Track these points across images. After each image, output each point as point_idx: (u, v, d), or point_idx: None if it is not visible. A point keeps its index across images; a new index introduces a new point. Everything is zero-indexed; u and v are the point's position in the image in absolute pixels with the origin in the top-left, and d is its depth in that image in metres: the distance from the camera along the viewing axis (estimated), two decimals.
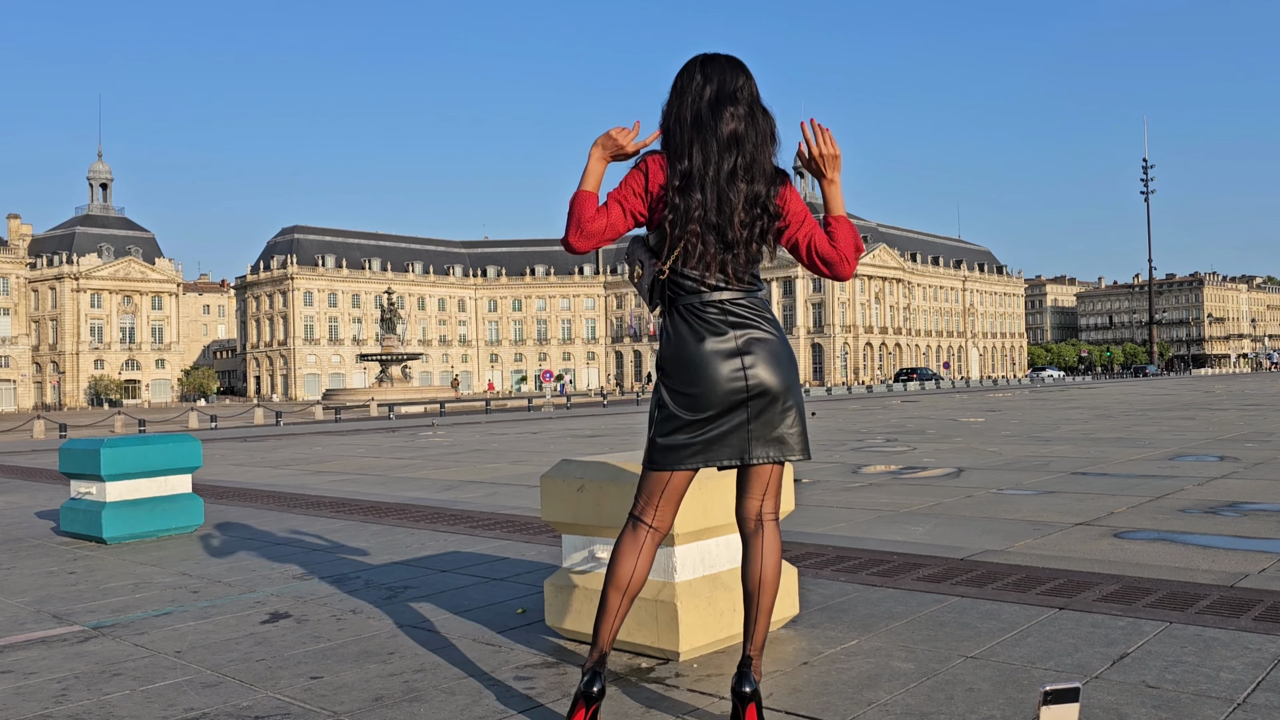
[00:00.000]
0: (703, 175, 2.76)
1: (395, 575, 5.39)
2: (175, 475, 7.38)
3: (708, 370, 2.75)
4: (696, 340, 2.78)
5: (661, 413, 2.81)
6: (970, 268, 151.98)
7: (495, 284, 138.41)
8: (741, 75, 2.85)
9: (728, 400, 2.75)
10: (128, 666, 3.77)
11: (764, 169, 2.82)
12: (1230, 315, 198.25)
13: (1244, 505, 7.34)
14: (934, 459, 11.99)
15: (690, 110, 2.81)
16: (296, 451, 18.20)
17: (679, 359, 2.79)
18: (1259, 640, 3.62)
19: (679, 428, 2.77)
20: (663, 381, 2.83)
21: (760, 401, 2.78)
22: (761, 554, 2.83)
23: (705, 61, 2.87)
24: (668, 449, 2.79)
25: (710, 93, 2.81)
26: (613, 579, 2.81)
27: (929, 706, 3.01)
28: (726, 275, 2.81)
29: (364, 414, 45.23)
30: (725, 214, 2.76)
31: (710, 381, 2.75)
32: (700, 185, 2.76)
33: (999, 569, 5.04)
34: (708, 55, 2.89)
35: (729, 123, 2.78)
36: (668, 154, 2.82)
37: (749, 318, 2.82)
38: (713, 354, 2.75)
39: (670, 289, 2.84)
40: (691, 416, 2.76)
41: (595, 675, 2.72)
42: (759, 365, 2.77)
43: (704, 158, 2.76)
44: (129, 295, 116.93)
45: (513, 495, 9.51)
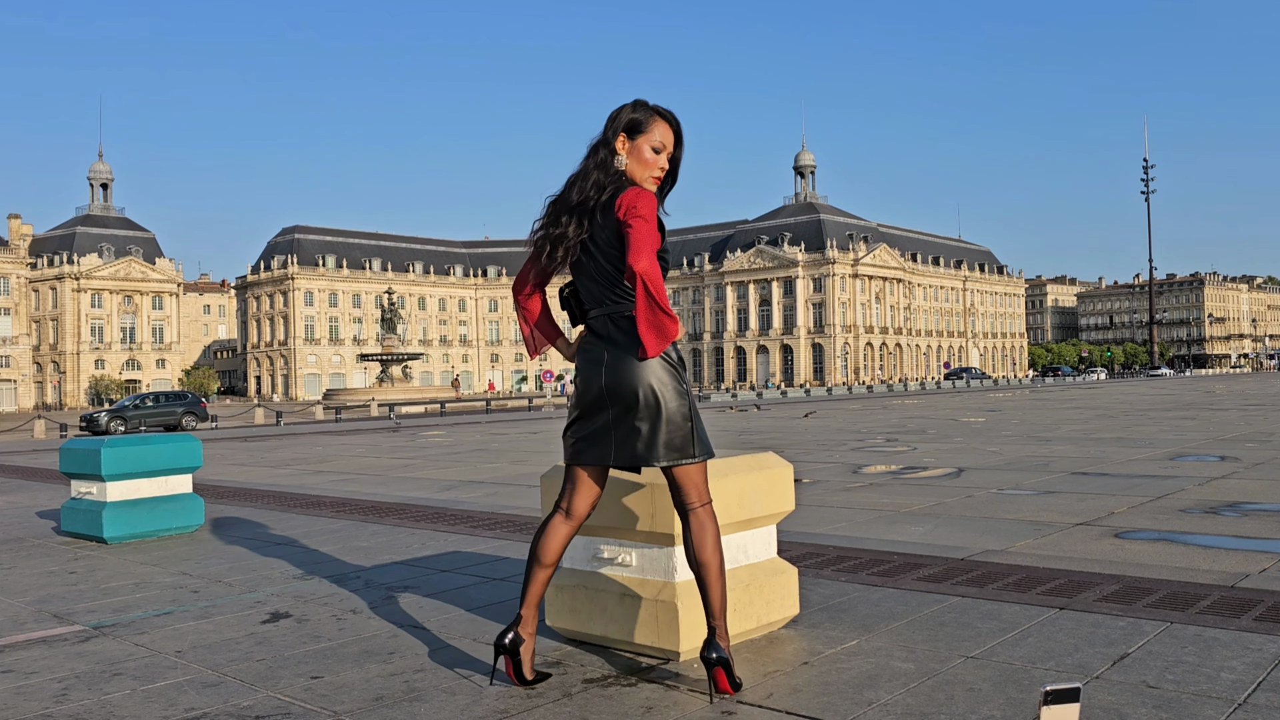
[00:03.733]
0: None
1: (396, 575, 5.39)
2: (176, 475, 7.38)
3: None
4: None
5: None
6: (971, 268, 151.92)
7: (496, 284, 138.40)
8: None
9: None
10: (128, 666, 3.77)
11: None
12: (1231, 315, 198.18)
13: (1245, 505, 7.34)
14: (934, 459, 11.98)
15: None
16: (297, 451, 18.20)
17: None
18: (1260, 640, 3.61)
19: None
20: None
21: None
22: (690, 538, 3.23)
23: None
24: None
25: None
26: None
27: (929, 706, 3.01)
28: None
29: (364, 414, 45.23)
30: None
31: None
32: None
33: (999, 569, 5.04)
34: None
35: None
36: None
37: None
38: (585, 363, 3.31)
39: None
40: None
41: (508, 629, 3.30)
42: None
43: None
44: (129, 295, 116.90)
45: (513, 495, 9.51)
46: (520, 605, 3.28)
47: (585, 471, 3.27)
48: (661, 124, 3.27)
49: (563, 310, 3.47)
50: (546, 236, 3.24)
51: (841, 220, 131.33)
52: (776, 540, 4.10)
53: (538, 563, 3.27)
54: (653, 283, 2.95)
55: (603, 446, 3.18)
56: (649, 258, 2.96)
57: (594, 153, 3.23)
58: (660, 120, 3.27)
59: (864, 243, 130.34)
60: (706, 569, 3.15)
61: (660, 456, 3.13)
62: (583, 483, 3.28)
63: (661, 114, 3.28)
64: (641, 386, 3.11)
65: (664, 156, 3.27)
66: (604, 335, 3.21)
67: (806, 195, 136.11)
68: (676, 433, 3.14)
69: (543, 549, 3.27)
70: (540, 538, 3.28)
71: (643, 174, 3.23)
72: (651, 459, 3.13)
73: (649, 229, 3.02)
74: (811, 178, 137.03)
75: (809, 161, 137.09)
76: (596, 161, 3.21)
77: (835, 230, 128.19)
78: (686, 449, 3.16)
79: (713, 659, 3.09)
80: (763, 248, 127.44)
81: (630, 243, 3.00)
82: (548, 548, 3.27)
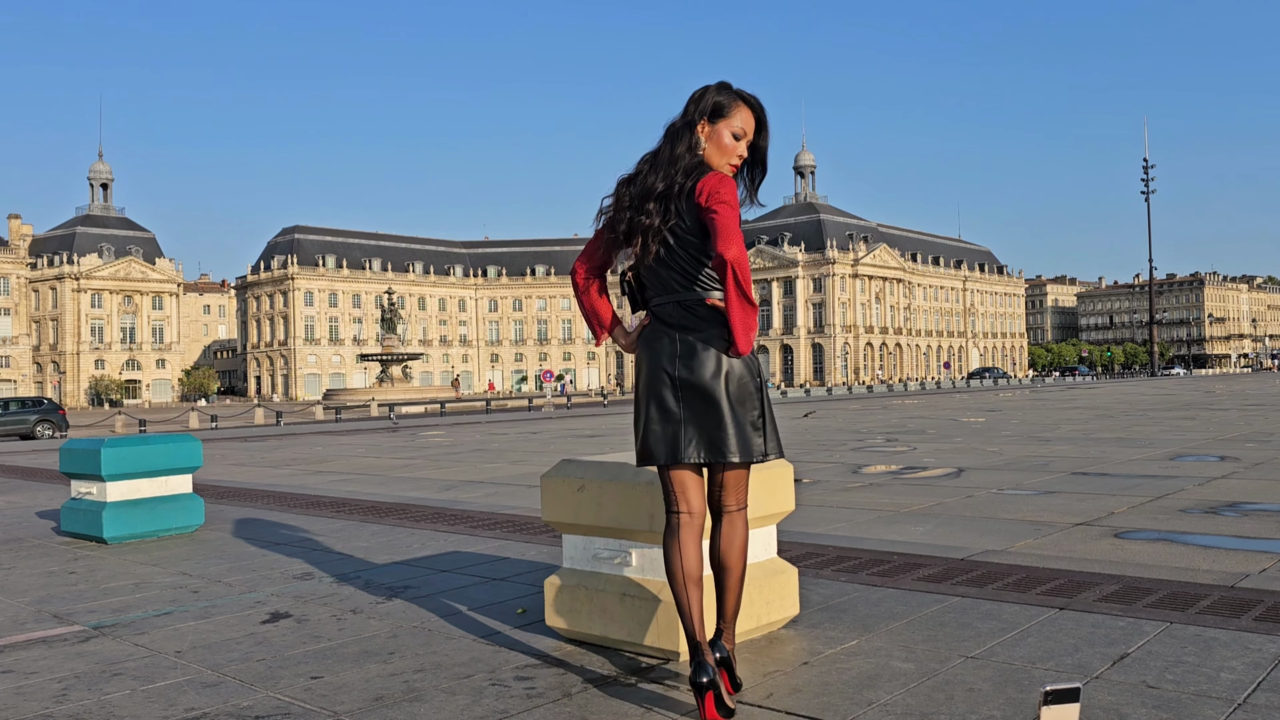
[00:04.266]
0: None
1: (395, 575, 5.39)
2: (176, 475, 7.38)
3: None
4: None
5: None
6: (971, 268, 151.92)
7: (496, 284, 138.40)
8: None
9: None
10: (128, 666, 3.77)
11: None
12: (1231, 315, 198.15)
13: (1244, 505, 7.34)
14: (934, 459, 11.98)
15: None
16: (297, 451, 18.20)
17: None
18: (1260, 640, 3.61)
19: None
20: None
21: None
22: (719, 540, 3.13)
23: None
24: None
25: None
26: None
27: (929, 707, 3.01)
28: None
29: (364, 414, 45.24)
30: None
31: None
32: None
33: (999, 569, 5.04)
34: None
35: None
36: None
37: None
38: (653, 354, 3.18)
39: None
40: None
41: (700, 665, 2.88)
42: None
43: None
44: (129, 295, 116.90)
45: (513, 495, 9.51)
46: (695, 637, 2.94)
47: (676, 470, 3.09)
48: (744, 109, 3.15)
49: (623, 295, 3.30)
50: (635, 226, 3.09)
51: (841, 220, 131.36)
52: (776, 540, 4.10)
53: (690, 582, 3.00)
54: (743, 272, 2.86)
55: (678, 442, 3.03)
56: (739, 245, 2.86)
57: (678, 136, 3.10)
58: (743, 105, 3.15)
59: (864, 243, 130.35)
60: (730, 573, 3.10)
61: (735, 452, 3.01)
62: (679, 479, 3.09)
63: (745, 99, 3.16)
64: (719, 378, 3.01)
65: (743, 144, 3.16)
66: (674, 324, 3.08)
67: (806, 195, 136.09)
68: (752, 428, 3.05)
69: (687, 565, 3.00)
70: (674, 558, 3.02)
71: (720, 160, 3.13)
72: (727, 454, 3.01)
73: (735, 215, 2.93)
74: (811, 177, 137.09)
75: (809, 161, 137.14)
76: (685, 146, 3.08)
77: (835, 230, 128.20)
78: (763, 445, 3.09)
79: (716, 658, 3.05)
80: (762, 247, 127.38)
81: (719, 230, 2.89)
82: (691, 561, 3.01)
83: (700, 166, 3.08)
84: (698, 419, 3.02)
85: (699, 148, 3.11)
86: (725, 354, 3.03)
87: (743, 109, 3.15)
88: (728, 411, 3.01)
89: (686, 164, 3.06)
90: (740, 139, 3.15)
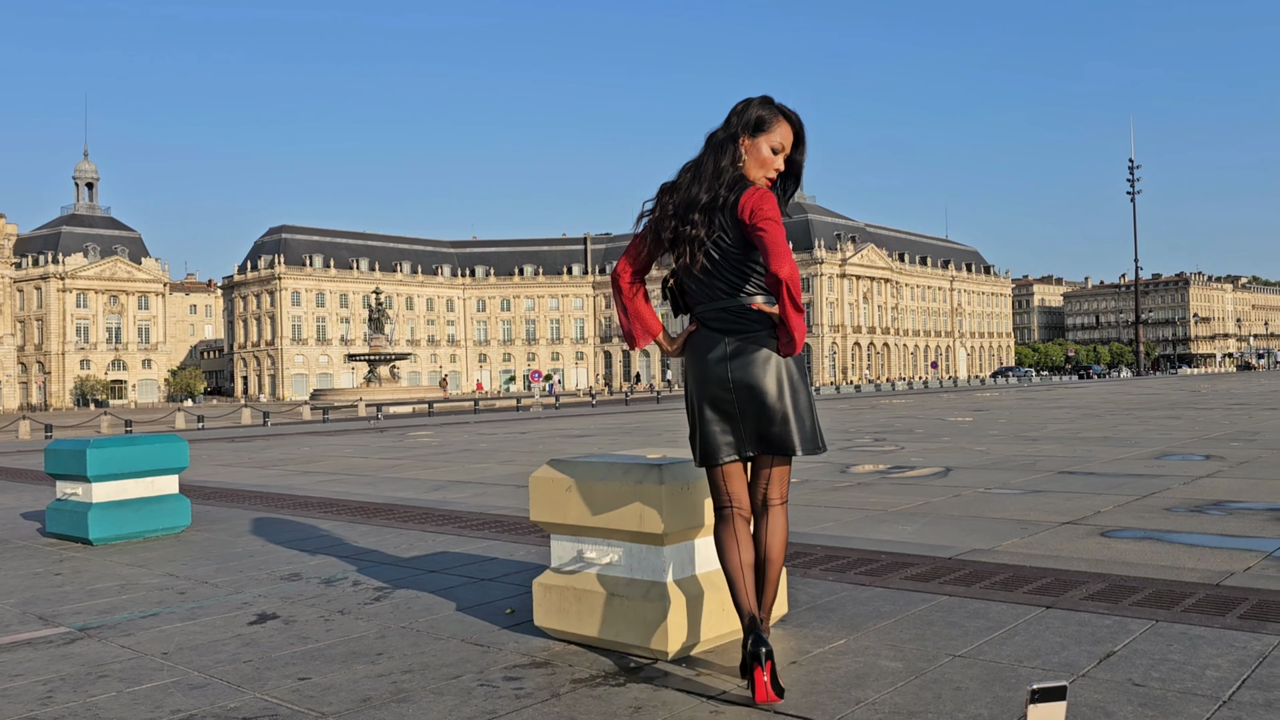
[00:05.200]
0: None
1: (383, 576, 5.38)
2: (162, 476, 7.34)
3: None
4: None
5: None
6: (958, 268, 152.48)
7: (484, 284, 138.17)
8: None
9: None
10: (114, 668, 3.76)
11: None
12: (1216, 315, 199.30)
13: (1229, 504, 7.38)
14: (922, 458, 12.01)
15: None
16: (284, 452, 18.14)
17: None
18: (1244, 638, 3.64)
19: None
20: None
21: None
22: (765, 533, 3.26)
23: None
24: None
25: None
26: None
27: (917, 705, 3.02)
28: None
29: (352, 414, 45.10)
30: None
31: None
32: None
33: (986, 568, 5.06)
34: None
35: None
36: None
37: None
38: (706, 358, 3.27)
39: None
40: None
41: (756, 638, 3.02)
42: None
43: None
44: (115, 295, 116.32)
45: (501, 495, 9.50)
46: (754, 613, 3.10)
47: (728, 466, 3.25)
48: (784, 124, 3.25)
49: (664, 299, 3.45)
50: (680, 235, 3.20)
51: (829, 220, 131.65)
52: None
53: (746, 568, 3.16)
54: (796, 287, 3.03)
55: (737, 440, 3.19)
56: (791, 263, 3.03)
57: (721, 149, 3.20)
58: (783, 120, 3.25)
59: (851, 243, 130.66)
60: (774, 565, 3.24)
61: (795, 446, 3.16)
62: (732, 476, 3.25)
63: (785, 114, 3.26)
64: (773, 378, 3.15)
65: (781, 158, 3.26)
66: (723, 329, 3.21)
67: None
68: (805, 423, 3.20)
69: (744, 555, 3.17)
70: (730, 549, 3.18)
71: (758, 173, 3.23)
72: (786, 448, 3.16)
73: (782, 232, 3.07)
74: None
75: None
76: (729, 159, 3.19)
77: (823, 230, 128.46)
78: (816, 440, 3.23)
79: (763, 653, 3.05)
80: None
81: (769, 248, 3.03)
82: (746, 550, 3.18)
83: (741, 180, 3.19)
84: (753, 416, 3.16)
85: (740, 160, 3.20)
86: (776, 353, 3.17)
87: (782, 124, 3.25)
88: (784, 407, 3.16)
89: (730, 177, 3.18)
90: (778, 153, 3.26)
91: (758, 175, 3.23)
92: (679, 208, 3.20)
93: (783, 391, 3.16)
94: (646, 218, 3.32)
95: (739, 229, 3.13)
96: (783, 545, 3.25)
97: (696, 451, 3.27)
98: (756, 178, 3.22)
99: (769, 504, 3.26)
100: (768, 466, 3.26)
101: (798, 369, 3.22)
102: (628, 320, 3.35)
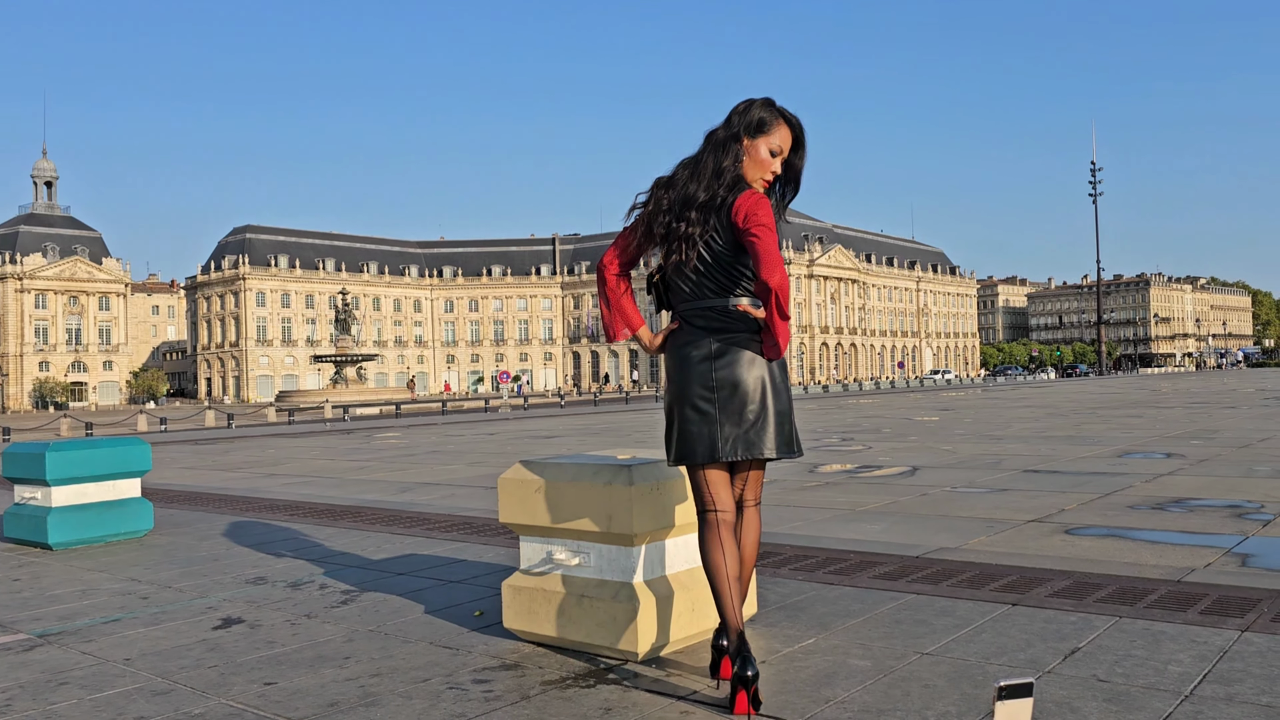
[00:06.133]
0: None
1: (351, 579, 5.34)
2: (124, 479, 7.23)
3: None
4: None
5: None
6: (924, 268, 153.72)
7: (451, 284, 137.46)
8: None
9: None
10: (75, 675, 3.69)
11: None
12: (1176, 315, 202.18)
13: (1190, 501, 7.50)
14: (889, 458, 12.10)
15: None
16: (249, 454, 17.94)
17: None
18: (1205, 634, 3.69)
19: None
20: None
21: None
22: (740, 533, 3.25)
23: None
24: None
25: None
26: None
27: (885, 703, 3.03)
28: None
29: (318, 416, 44.70)
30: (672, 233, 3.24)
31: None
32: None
33: (953, 566, 5.10)
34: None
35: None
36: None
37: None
38: (690, 357, 3.21)
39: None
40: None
41: (745, 660, 2.94)
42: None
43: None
44: (75, 296, 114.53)
45: (470, 497, 9.45)
46: (739, 627, 3.01)
47: (712, 470, 3.18)
48: (783, 127, 3.22)
49: (648, 294, 3.39)
50: (674, 233, 3.17)
51: (796, 221, 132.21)
52: None
53: (731, 577, 3.08)
54: (785, 296, 3.00)
55: (716, 441, 3.12)
56: (782, 272, 2.96)
57: (722, 148, 3.17)
58: (783, 123, 3.22)
59: (819, 243, 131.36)
60: (746, 564, 3.22)
61: (772, 448, 3.14)
62: (715, 480, 3.17)
63: (786, 117, 3.23)
64: (756, 379, 3.13)
65: (778, 160, 3.23)
66: (708, 328, 3.17)
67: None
68: (785, 427, 3.18)
69: (729, 564, 3.08)
70: (716, 556, 3.09)
71: (754, 174, 3.20)
72: (764, 451, 3.13)
73: (774, 239, 3.03)
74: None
75: None
76: (730, 159, 3.15)
77: (790, 231, 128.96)
78: (792, 443, 3.21)
79: (749, 676, 2.96)
80: None
81: (761, 256, 2.97)
82: (731, 557, 3.10)
83: (739, 182, 3.16)
84: (734, 418, 3.12)
85: (740, 160, 3.18)
86: (759, 355, 3.15)
87: (782, 126, 3.23)
88: (765, 410, 3.14)
89: (730, 177, 3.15)
90: (776, 155, 3.23)
91: (755, 177, 3.20)
92: (675, 204, 3.18)
93: (765, 393, 3.14)
94: (639, 210, 3.29)
95: (731, 231, 3.11)
96: (756, 544, 3.26)
97: (672, 450, 3.23)
98: (754, 179, 3.20)
99: (744, 504, 3.26)
100: (746, 468, 3.25)
101: (780, 372, 3.21)
102: (609, 312, 3.31)
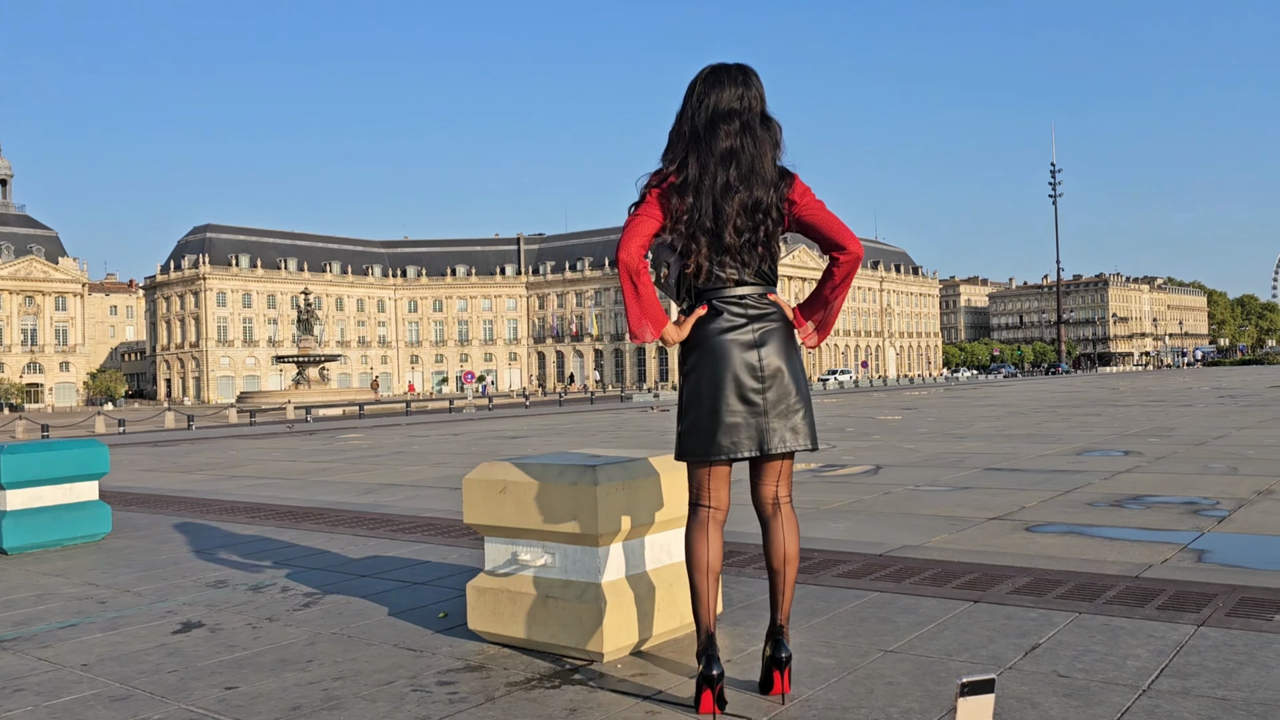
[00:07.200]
0: (698, 185, 2.98)
1: (313, 581, 5.29)
2: (81, 482, 7.12)
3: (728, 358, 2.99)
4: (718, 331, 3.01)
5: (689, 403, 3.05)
6: (887, 268, 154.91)
7: (415, 284, 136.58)
8: (741, 87, 3.02)
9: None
10: (31, 681, 3.63)
11: (763, 176, 3.01)
12: (1134, 315, 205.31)
13: (1147, 498, 7.62)
14: (853, 456, 12.18)
15: (688, 125, 3.04)
16: (210, 456, 17.72)
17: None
18: (1163, 629, 3.75)
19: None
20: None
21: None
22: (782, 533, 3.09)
23: (709, 75, 3.05)
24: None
25: (707, 110, 3.01)
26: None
27: (850, 701, 3.05)
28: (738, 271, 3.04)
29: (280, 417, 44.24)
30: (720, 221, 2.98)
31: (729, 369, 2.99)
32: (696, 193, 2.98)
33: (916, 564, 5.15)
34: (714, 67, 3.08)
35: (724, 140, 2.98)
36: (667, 162, 3.06)
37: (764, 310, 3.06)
38: (732, 343, 2.99)
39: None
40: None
41: (710, 659, 2.91)
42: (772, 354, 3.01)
43: (700, 169, 2.98)
44: (31, 296, 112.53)
45: (434, 498, 9.40)
46: (711, 629, 2.96)
47: (718, 466, 3.04)
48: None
49: (657, 281, 3.16)
50: (743, 241, 3.03)
51: None
52: None
53: (713, 574, 3.00)
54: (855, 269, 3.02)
55: (764, 433, 2.97)
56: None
57: (770, 127, 3.03)
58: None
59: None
60: (793, 565, 3.07)
61: (805, 442, 3.04)
62: (718, 476, 3.05)
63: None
64: (795, 368, 3.04)
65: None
66: (747, 315, 3.01)
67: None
68: (811, 418, 3.08)
69: (711, 560, 3.00)
70: (699, 549, 3.01)
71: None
72: (805, 441, 3.03)
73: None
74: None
75: None
76: (772, 140, 3.03)
77: None
78: (815, 436, 3.11)
79: (782, 659, 3.03)
80: None
81: (838, 227, 3.02)
82: (715, 555, 3.01)
83: (781, 167, 3.08)
84: (778, 407, 2.99)
85: (779, 146, 3.08)
86: (794, 343, 3.08)
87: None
88: (804, 399, 3.05)
89: (774, 159, 3.05)
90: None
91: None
92: (745, 207, 2.98)
93: (800, 383, 3.05)
94: (655, 188, 3.04)
95: (782, 219, 3.05)
96: (798, 543, 3.11)
97: (702, 443, 2.99)
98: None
99: (780, 501, 3.10)
100: (779, 460, 3.09)
101: (800, 362, 3.12)
102: (640, 312, 3.00)
